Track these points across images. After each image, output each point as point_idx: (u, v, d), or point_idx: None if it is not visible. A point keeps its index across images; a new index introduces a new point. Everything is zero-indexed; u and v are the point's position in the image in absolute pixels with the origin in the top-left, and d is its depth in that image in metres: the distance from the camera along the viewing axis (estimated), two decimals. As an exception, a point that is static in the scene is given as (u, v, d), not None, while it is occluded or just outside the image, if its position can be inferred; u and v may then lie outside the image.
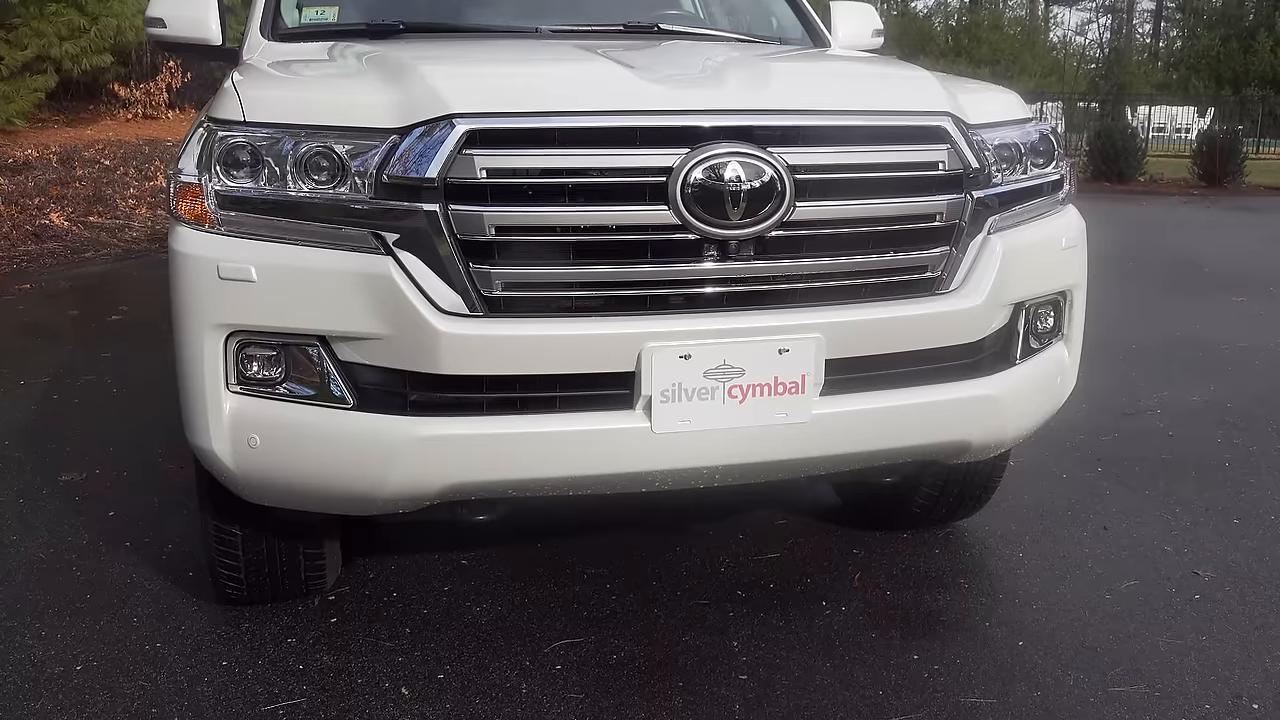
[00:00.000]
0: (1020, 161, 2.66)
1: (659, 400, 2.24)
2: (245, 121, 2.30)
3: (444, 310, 2.19)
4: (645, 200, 2.23)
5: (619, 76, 2.48)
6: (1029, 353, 2.69)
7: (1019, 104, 2.82)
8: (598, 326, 2.25)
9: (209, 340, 2.27)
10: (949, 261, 2.47)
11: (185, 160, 2.36)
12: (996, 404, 2.55)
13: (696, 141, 2.24)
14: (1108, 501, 3.73)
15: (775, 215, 2.26)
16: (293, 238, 2.25)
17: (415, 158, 2.18)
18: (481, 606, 2.95)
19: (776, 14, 4.11)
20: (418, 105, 2.24)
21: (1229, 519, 3.59)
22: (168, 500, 3.64)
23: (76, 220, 9.63)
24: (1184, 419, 4.67)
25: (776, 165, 2.25)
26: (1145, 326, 6.48)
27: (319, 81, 2.80)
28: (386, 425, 2.24)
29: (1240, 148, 17.67)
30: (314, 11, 3.71)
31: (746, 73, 2.74)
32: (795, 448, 2.38)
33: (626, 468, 2.32)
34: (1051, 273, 2.72)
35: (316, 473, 2.32)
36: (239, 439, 2.31)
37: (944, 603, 3.00)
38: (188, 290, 2.30)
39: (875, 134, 2.44)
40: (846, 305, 2.38)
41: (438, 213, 2.17)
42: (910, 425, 2.47)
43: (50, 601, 2.98)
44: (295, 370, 2.30)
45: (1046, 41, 44.05)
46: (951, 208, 2.45)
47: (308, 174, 2.24)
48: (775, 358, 2.29)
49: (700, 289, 2.30)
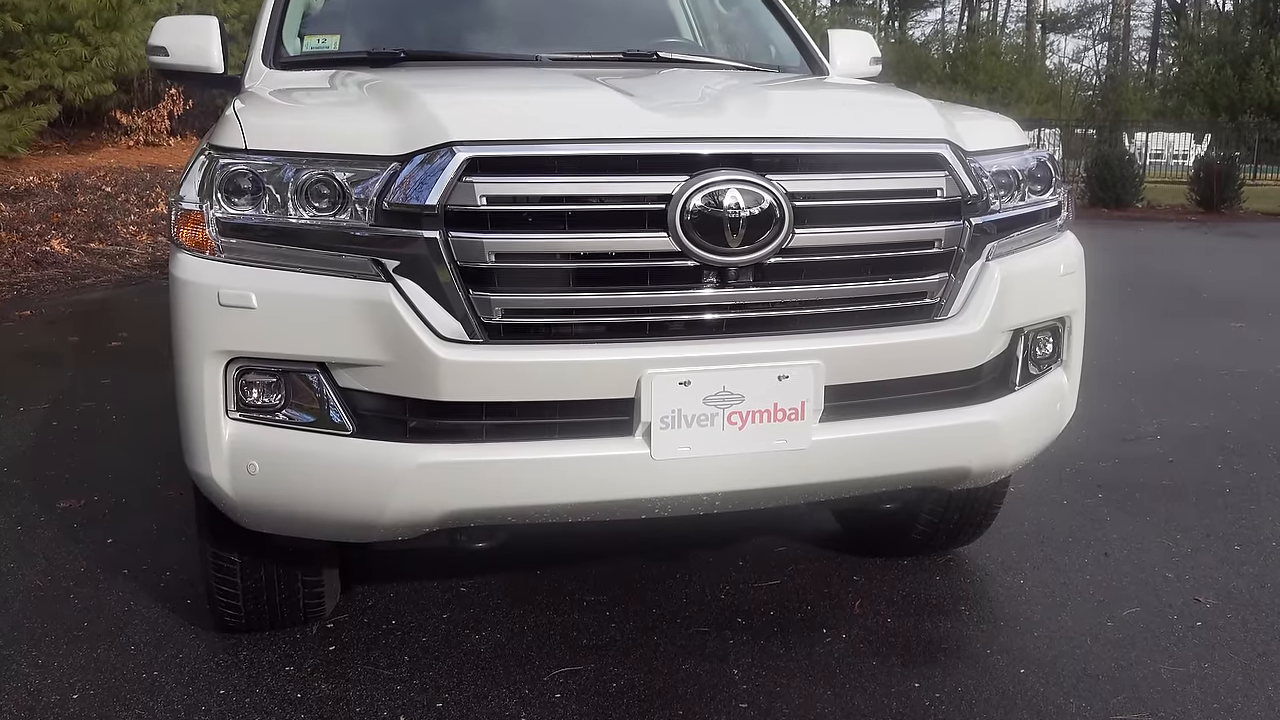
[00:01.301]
0: (1018, 188, 2.67)
1: (659, 427, 2.24)
2: (247, 149, 2.31)
3: (444, 337, 2.20)
4: (645, 227, 2.24)
5: (618, 104, 2.49)
6: (1028, 379, 2.69)
7: (1016, 131, 2.84)
8: (597, 353, 2.25)
9: (209, 367, 2.27)
10: (948, 288, 2.48)
11: (187, 187, 2.37)
12: (996, 430, 2.55)
13: (695, 169, 2.25)
14: (1108, 528, 3.72)
15: (774, 242, 2.27)
16: (293, 264, 2.26)
17: (416, 185, 2.19)
18: (481, 634, 2.94)
19: (775, 42, 4.14)
20: (418, 133, 2.26)
21: (1230, 545, 3.59)
22: (166, 527, 3.63)
23: (77, 247, 9.65)
24: (1184, 445, 4.66)
25: (775, 192, 2.26)
26: (1144, 352, 6.48)
27: (320, 109, 2.82)
28: (386, 452, 2.24)
29: (1237, 174, 17.74)
30: (315, 40, 3.74)
31: (745, 100, 2.76)
32: (795, 474, 2.38)
33: (626, 494, 2.32)
34: (1050, 299, 2.73)
35: (316, 499, 2.32)
36: (238, 466, 2.30)
37: (945, 630, 2.99)
38: (188, 317, 2.30)
39: (873, 161, 2.46)
40: (846, 331, 2.39)
41: (438, 240, 2.18)
42: (910, 451, 2.47)
43: (47, 629, 2.97)
44: (295, 397, 2.30)
45: (1043, 68, 44.27)
46: (950, 234, 2.46)
47: (309, 201, 2.25)
48: (775, 384, 2.29)
49: (700, 315, 2.31)
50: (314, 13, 3.87)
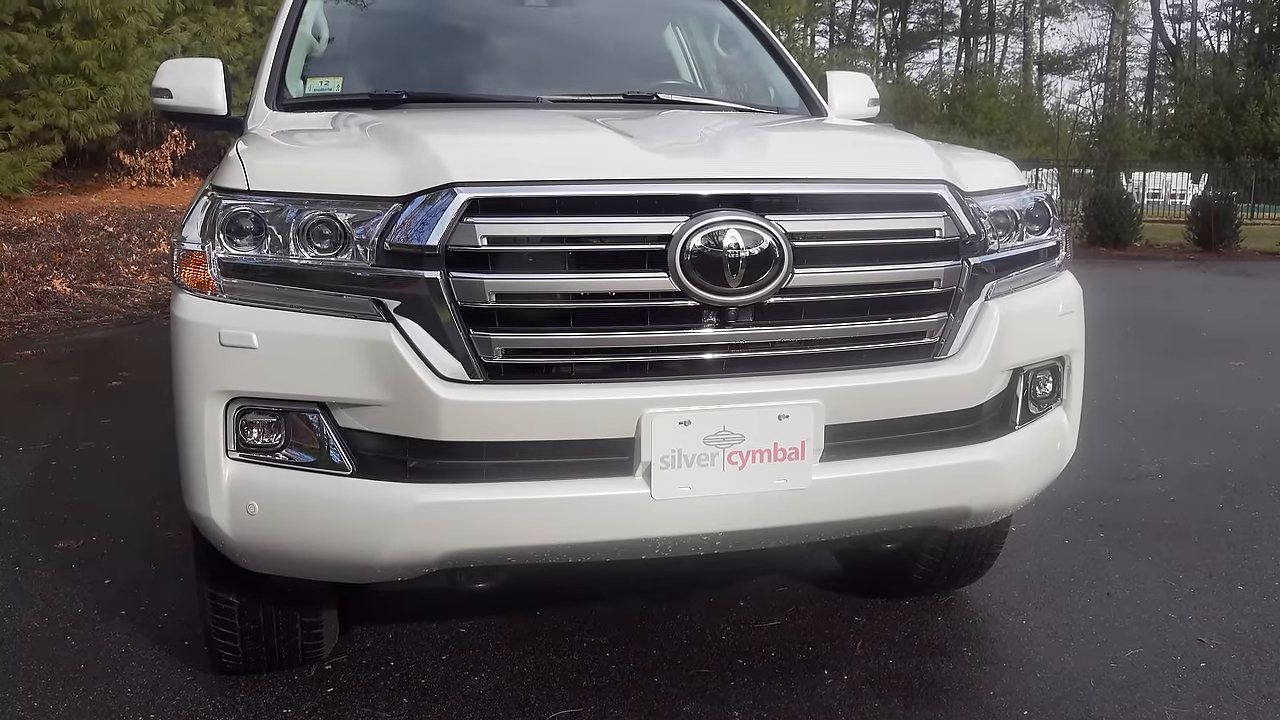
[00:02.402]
0: (1016, 228, 2.68)
1: (659, 466, 2.24)
2: (249, 190, 2.33)
3: (444, 377, 2.20)
4: (645, 267, 2.24)
5: (619, 145, 2.51)
6: (1028, 418, 2.69)
7: (1014, 172, 2.85)
8: (597, 393, 2.25)
9: (209, 407, 2.27)
10: (947, 327, 2.48)
11: (189, 228, 2.39)
12: (997, 469, 2.55)
13: (695, 209, 2.27)
14: (1110, 568, 3.71)
15: (774, 282, 2.28)
16: (294, 305, 2.27)
17: (417, 226, 2.21)
18: (480, 676, 2.92)
19: (774, 84, 4.17)
20: (420, 174, 2.27)
21: (1233, 585, 3.57)
22: (164, 568, 3.62)
23: (79, 286, 9.68)
24: (1185, 484, 4.65)
25: (774, 233, 2.27)
26: (1144, 390, 6.48)
27: (322, 151, 2.83)
28: (385, 492, 2.24)
29: (1234, 213, 17.82)
30: (318, 82, 3.77)
31: (744, 141, 2.78)
32: (795, 514, 2.38)
33: (626, 535, 2.31)
34: (1049, 338, 2.73)
35: (315, 540, 2.31)
36: (237, 506, 2.30)
37: (947, 671, 2.97)
38: (189, 357, 2.31)
39: (872, 202, 2.47)
40: (845, 371, 2.39)
41: (439, 280, 2.19)
42: (911, 491, 2.47)
43: (44, 671, 2.95)
44: (295, 437, 2.30)
45: (1041, 110, 44.59)
46: (949, 274, 2.46)
47: (310, 242, 2.26)
48: (775, 424, 2.29)
49: (700, 355, 2.31)
50: (317, 55, 3.91)
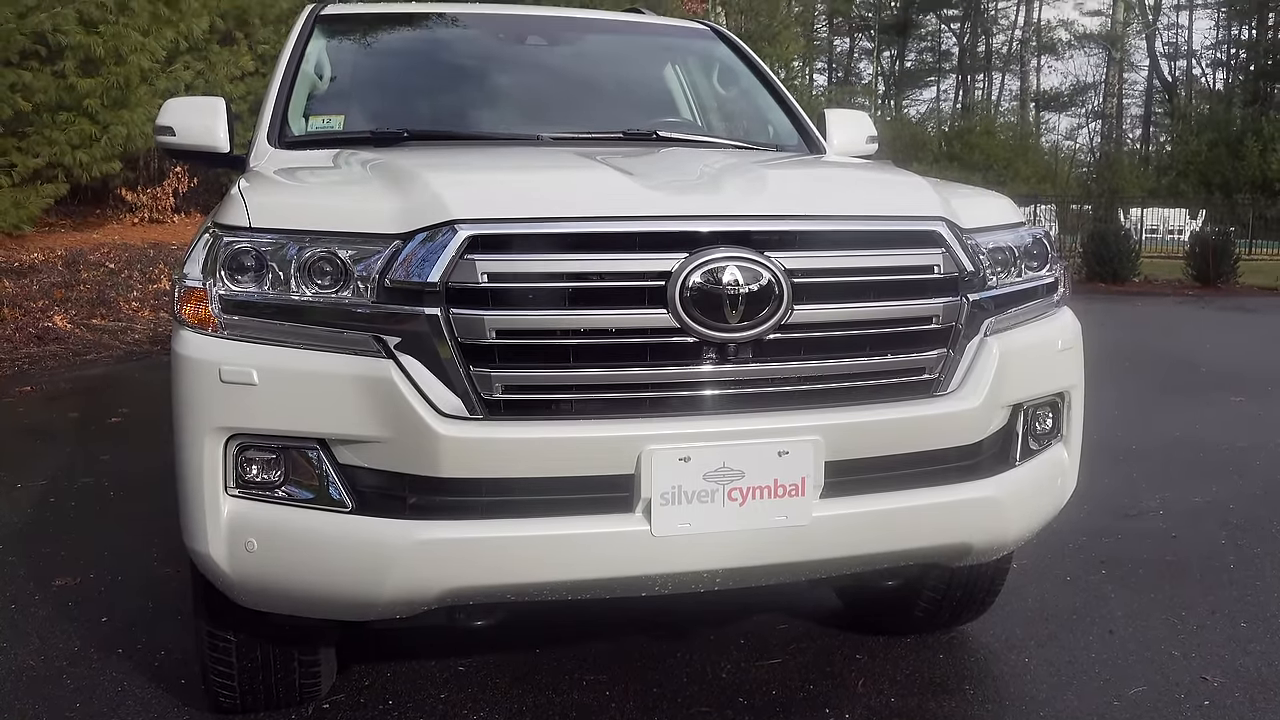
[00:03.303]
0: (1014, 265, 2.69)
1: (659, 503, 2.23)
2: (251, 227, 2.34)
3: (444, 413, 2.20)
4: (645, 304, 2.25)
5: (618, 183, 2.53)
6: (1029, 454, 2.69)
7: (1011, 209, 2.87)
8: (597, 429, 2.25)
9: (209, 443, 2.27)
10: (946, 363, 2.49)
11: (190, 265, 2.40)
12: (997, 506, 2.54)
13: (695, 246, 2.28)
14: (1112, 604, 3.69)
15: (773, 318, 2.29)
16: (295, 341, 2.27)
17: (417, 262, 2.21)
18: (479, 714, 2.90)
19: (773, 121, 4.20)
20: (420, 211, 2.28)
21: (1236, 623, 3.55)
22: (162, 606, 3.60)
23: (79, 323, 9.70)
24: (1187, 520, 4.64)
25: (774, 269, 2.28)
26: (1145, 426, 6.48)
27: (323, 188, 2.85)
28: (385, 529, 2.23)
29: (1232, 249, 17.86)
30: (320, 120, 3.80)
31: (743, 178, 2.79)
32: (796, 551, 2.37)
33: (626, 571, 2.30)
34: (1049, 374, 2.74)
35: (314, 577, 2.30)
36: (236, 543, 2.29)
37: (949, 709, 2.95)
38: (189, 393, 2.31)
39: (871, 238, 2.48)
40: (845, 407, 2.39)
41: (439, 316, 2.19)
42: (911, 528, 2.46)
43: (39, 710, 2.93)
44: (294, 473, 2.29)
45: (1038, 146, 44.84)
46: (947, 310, 2.47)
47: (311, 278, 2.27)
48: (775, 460, 2.29)
49: (699, 391, 2.31)
50: (319, 93, 3.94)
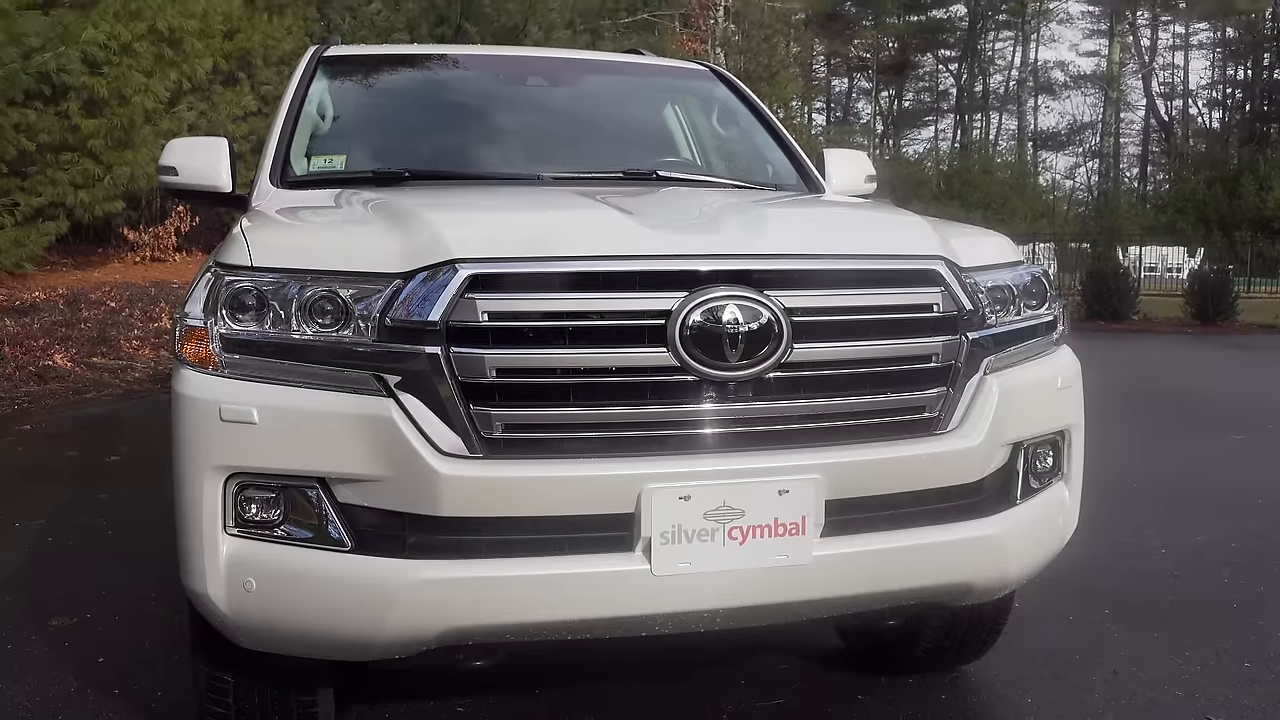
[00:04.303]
0: (1013, 303, 2.70)
1: (659, 542, 2.22)
2: (252, 266, 2.35)
3: (444, 452, 2.20)
4: (645, 342, 2.26)
5: (618, 222, 2.54)
6: (1029, 493, 2.68)
7: (1010, 247, 2.88)
8: (597, 468, 2.25)
9: (208, 482, 2.27)
10: (946, 402, 2.49)
11: (192, 304, 2.40)
12: (998, 544, 2.53)
13: (695, 285, 2.28)
14: (1115, 644, 3.67)
15: (773, 357, 2.29)
16: (295, 380, 2.28)
17: (418, 301, 2.22)
18: (477, 756, 2.88)
19: (772, 161, 4.23)
20: (421, 250, 2.29)
21: (1240, 662, 3.53)
22: (159, 646, 3.58)
23: (80, 361, 9.70)
24: (1189, 559, 4.62)
25: (773, 308, 2.29)
26: (1146, 464, 6.46)
27: (325, 228, 2.86)
28: (384, 568, 2.22)
29: (1231, 287, 17.91)
30: (322, 160, 3.83)
31: (743, 218, 2.81)
32: (797, 590, 2.36)
33: (627, 611, 2.29)
34: (1049, 412, 2.74)
35: (312, 616, 2.29)
36: (234, 582, 2.28)
37: (952, 751, 2.92)
38: (189, 432, 2.31)
39: (870, 277, 2.49)
40: (845, 446, 2.38)
41: (439, 355, 2.20)
42: (912, 567, 2.45)
43: (35, 752, 2.91)
44: (294, 512, 2.29)
45: (1036, 185, 45.09)
46: (947, 349, 2.47)
47: (312, 317, 2.28)
48: (775, 499, 2.28)
49: (699, 430, 2.31)
50: (321, 134, 3.96)
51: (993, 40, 57.28)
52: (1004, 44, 57.48)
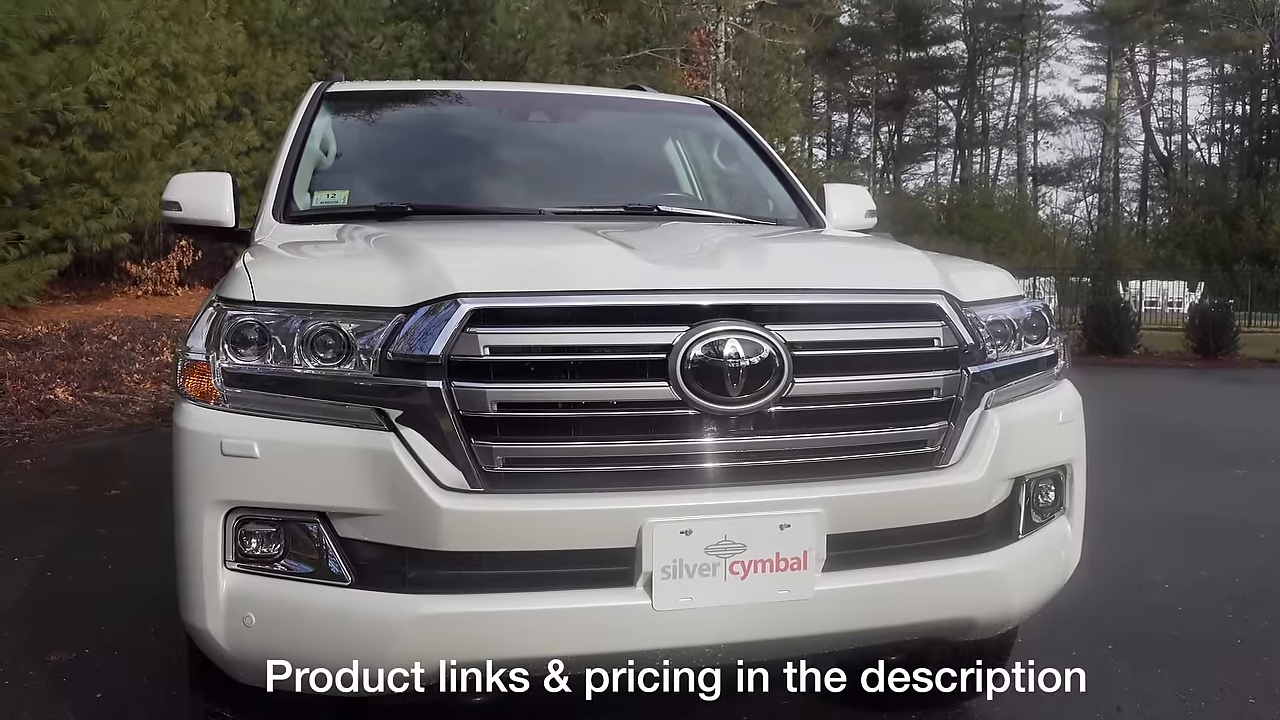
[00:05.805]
0: (1014, 337, 2.70)
1: (660, 577, 2.22)
2: (255, 301, 2.36)
3: (445, 486, 2.20)
4: (646, 377, 2.26)
5: (619, 257, 2.55)
6: (1031, 527, 2.67)
7: (1010, 281, 2.89)
8: (599, 502, 2.25)
9: (209, 517, 2.27)
10: (947, 436, 2.48)
11: (194, 339, 2.41)
12: (1001, 579, 2.53)
13: (695, 319, 2.29)
14: (1119, 680, 3.64)
15: (774, 391, 2.29)
16: (297, 414, 2.28)
17: (420, 336, 2.23)
18: (477, 793, 2.85)
19: (773, 195, 4.24)
20: (423, 285, 2.30)
21: (1245, 699, 3.50)
22: (157, 681, 3.55)
23: (81, 395, 9.69)
24: (1192, 594, 4.60)
25: (774, 342, 2.29)
26: (1148, 499, 6.44)
27: (327, 262, 2.88)
28: (384, 603, 2.22)
29: (1232, 321, 17.91)
30: (325, 195, 3.84)
31: (744, 252, 2.82)
32: (799, 625, 2.35)
33: (627, 646, 2.28)
34: (1050, 447, 2.73)
35: (312, 652, 2.28)
36: (234, 617, 2.28)
37: (956, 788, 2.90)
38: (190, 466, 2.31)
39: (871, 312, 2.50)
40: (846, 480, 2.38)
41: (441, 389, 2.20)
42: (914, 602, 2.44)
43: (31, 789, 2.88)
44: (294, 547, 2.28)
45: (1036, 219, 45.22)
46: (948, 383, 2.48)
47: (314, 352, 2.28)
48: (777, 533, 2.28)
49: (701, 464, 2.31)
50: (324, 169, 3.98)
51: (992, 76, 57.74)
52: (1003, 80, 57.96)
